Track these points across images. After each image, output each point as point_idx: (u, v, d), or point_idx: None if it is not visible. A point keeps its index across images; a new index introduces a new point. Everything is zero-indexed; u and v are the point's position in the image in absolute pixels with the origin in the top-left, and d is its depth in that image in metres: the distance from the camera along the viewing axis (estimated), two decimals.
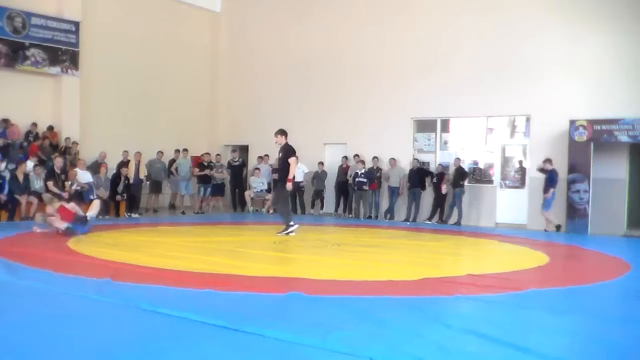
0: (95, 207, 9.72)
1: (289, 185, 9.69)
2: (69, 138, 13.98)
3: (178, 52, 17.13)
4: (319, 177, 15.34)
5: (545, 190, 12.15)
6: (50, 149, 13.33)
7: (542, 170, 12.36)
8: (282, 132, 9.89)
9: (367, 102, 15.34)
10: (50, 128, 13.88)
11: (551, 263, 7.56)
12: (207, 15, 18.08)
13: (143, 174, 13.96)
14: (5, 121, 13.12)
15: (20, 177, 11.57)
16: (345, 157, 15.25)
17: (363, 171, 14.38)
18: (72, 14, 14.44)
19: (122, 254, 7.19)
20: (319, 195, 15.44)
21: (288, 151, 9.70)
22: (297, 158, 10.14)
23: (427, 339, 3.58)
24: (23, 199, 11.50)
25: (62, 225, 8.87)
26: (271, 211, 15.31)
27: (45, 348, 3.32)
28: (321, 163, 15.49)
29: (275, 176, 15.28)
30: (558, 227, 12.22)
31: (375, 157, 14.70)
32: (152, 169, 14.55)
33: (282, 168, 9.87)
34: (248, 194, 15.57)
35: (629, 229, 12.52)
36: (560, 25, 12.87)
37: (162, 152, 14.91)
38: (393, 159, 14.52)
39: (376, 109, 15.20)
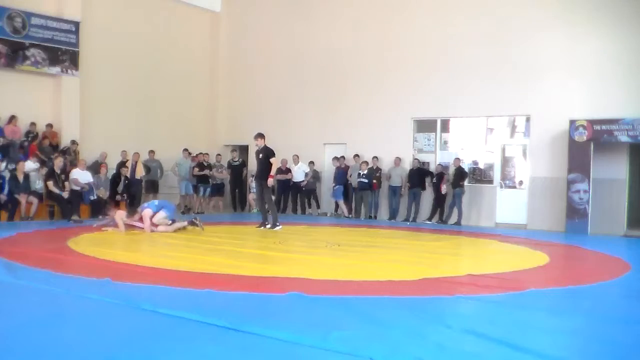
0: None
1: (271, 181, 10.80)
2: (74, 141, 13.98)
3: (178, 52, 17.12)
4: (313, 176, 15.33)
5: (337, 183, 14.78)
6: (50, 149, 13.33)
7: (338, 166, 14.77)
8: (261, 136, 10.93)
9: (367, 102, 15.35)
10: (50, 126, 13.87)
11: (551, 263, 7.56)
12: (207, 15, 18.08)
13: (140, 174, 13.95)
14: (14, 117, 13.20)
15: (20, 177, 11.56)
16: (341, 157, 15.19)
17: (366, 172, 14.36)
18: (72, 14, 14.43)
19: (122, 254, 7.20)
20: (310, 194, 15.44)
21: (269, 152, 10.81)
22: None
23: (427, 339, 3.58)
24: (23, 199, 11.50)
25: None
26: None
27: (45, 348, 3.31)
28: (312, 162, 15.47)
29: (280, 177, 15.43)
30: (347, 216, 14.69)
31: (375, 157, 14.70)
32: (150, 169, 14.56)
33: (263, 168, 10.83)
34: (252, 197, 15.56)
35: (629, 229, 12.52)
36: (560, 25, 12.87)
37: (153, 152, 14.89)
38: (398, 158, 14.50)
39: (376, 109, 15.20)
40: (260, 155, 10.86)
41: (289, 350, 3.34)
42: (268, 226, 10.84)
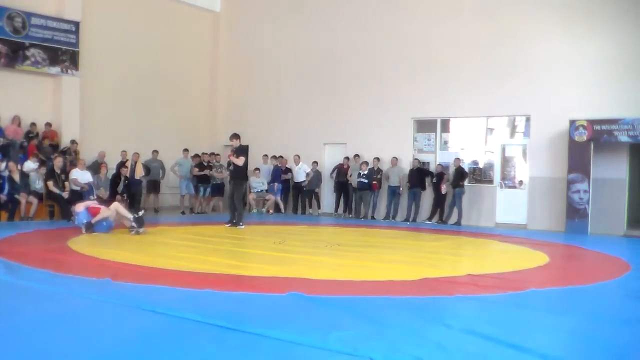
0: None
1: (240, 161, 10.85)
2: (74, 141, 13.97)
3: (178, 52, 17.12)
4: (314, 176, 15.32)
5: (273, 182, 15.33)
6: (50, 149, 13.33)
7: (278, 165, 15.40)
8: (236, 136, 11.14)
9: (367, 102, 15.34)
10: (49, 125, 13.86)
11: (551, 263, 7.57)
12: (207, 15, 18.08)
13: (140, 174, 13.94)
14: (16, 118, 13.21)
15: (16, 177, 11.52)
16: (347, 158, 15.22)
17: (366, 172, 14.34)
18: (72, 14, 14.43)
19: (122, 254, 7.19)
20: (311, 194, 15.43)
21: (239, 150, 11.01)
22: (245, 159, 11.22)
23: (427, 339, 3.58)
24: (23, 199, 11.48)
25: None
26: (271, 211, 15.31)
27: (46, 348, 3.32)
28: (315, 162, 15.48)
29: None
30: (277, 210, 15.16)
31: (376, 158, 14.68)
32: (149, 169, 14.55)
33: (237, 167, 11.00)
34: (251, 197, 15.56)
35: (629, 229, 12.51)
36: (560, 25, 12.86)
37: (157, 152, 14.90)
38: (395, 158, 14.50)
39: (376, 109, 15.20)
40: (235, 155, 10.98)
41: (289, 350, 3.34)
42: (242, 226, 10.83)
